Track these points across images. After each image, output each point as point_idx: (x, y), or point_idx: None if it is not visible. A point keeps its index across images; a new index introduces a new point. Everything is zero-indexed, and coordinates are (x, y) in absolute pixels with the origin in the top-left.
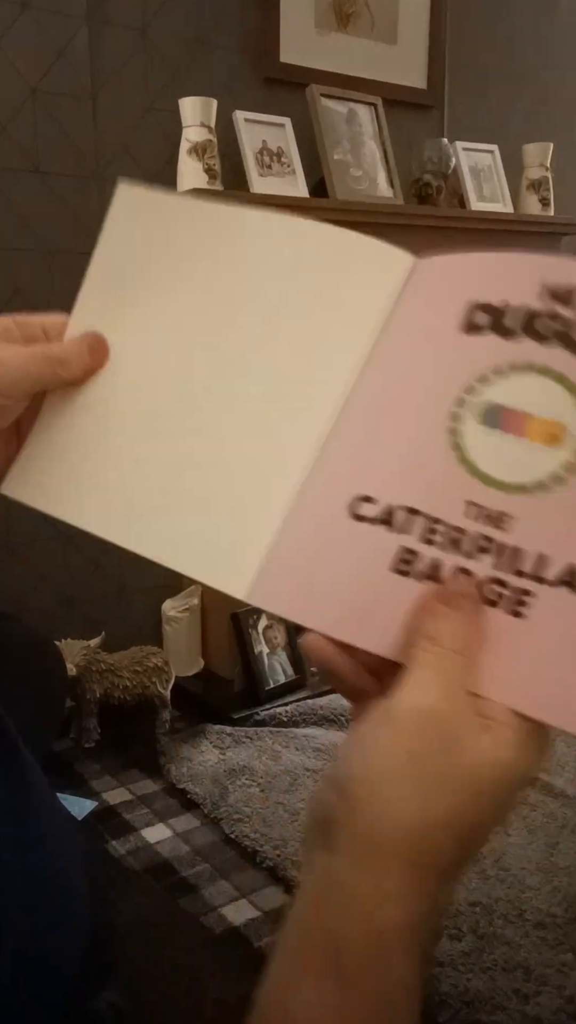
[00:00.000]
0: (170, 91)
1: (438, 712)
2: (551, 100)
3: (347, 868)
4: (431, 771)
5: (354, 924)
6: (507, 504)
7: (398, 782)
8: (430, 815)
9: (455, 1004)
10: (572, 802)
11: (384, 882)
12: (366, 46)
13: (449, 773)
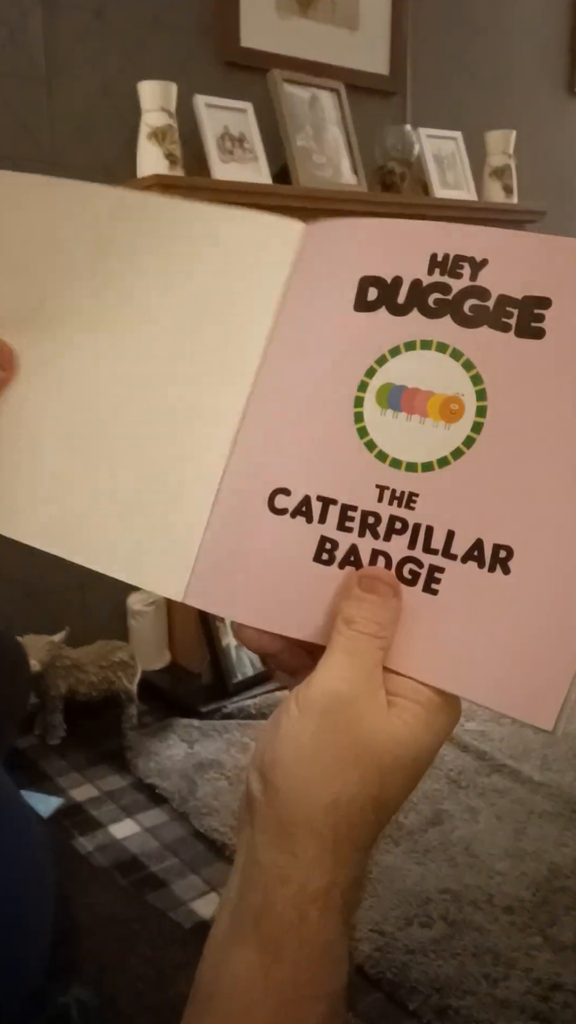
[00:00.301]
0: (128, 75)
1: (343, 693)
2: (513, 87)
3: (268, 845)
4: (337, 750)
5: (276, 895)
6: (415, 484)
7: (309, 764)
8: (339, 791)
9: (425, 991)
10: (539, 788)
11: (301, 855)
12: (328, 31)
13: (354, 751)
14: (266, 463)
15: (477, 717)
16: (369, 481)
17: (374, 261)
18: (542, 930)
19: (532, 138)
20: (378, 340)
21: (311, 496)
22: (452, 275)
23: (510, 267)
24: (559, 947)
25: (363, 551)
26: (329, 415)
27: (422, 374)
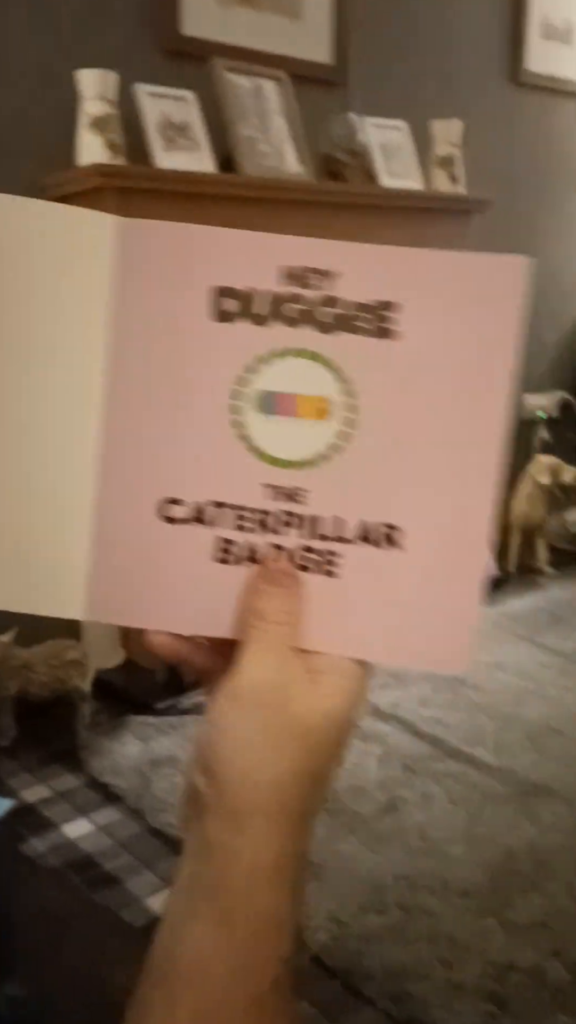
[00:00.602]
0: (67, 63)
1: (270, 680)
2: (458, 76)
3: (217, 828)
4: (271, 734)
5: (228, 870)
6: (299, 479)
7: (247, 751)
8: (279, 771)
9: (380, 977)
10: (493, 772)
11: (249, 833)
12: (270, 20)
13: (287, 731)
14: (149, 475)
15: (432, 704)
16: (256, 482)
17: (223, 272)
18: (496, 913)
19: (478, 128)
20: (244, 350)
21: (203, 502)
22: (306, 286)
23: (359, 276)
24: (513, 929)
25: (260, 547)
26: (207, 424)
27: (293, 379)
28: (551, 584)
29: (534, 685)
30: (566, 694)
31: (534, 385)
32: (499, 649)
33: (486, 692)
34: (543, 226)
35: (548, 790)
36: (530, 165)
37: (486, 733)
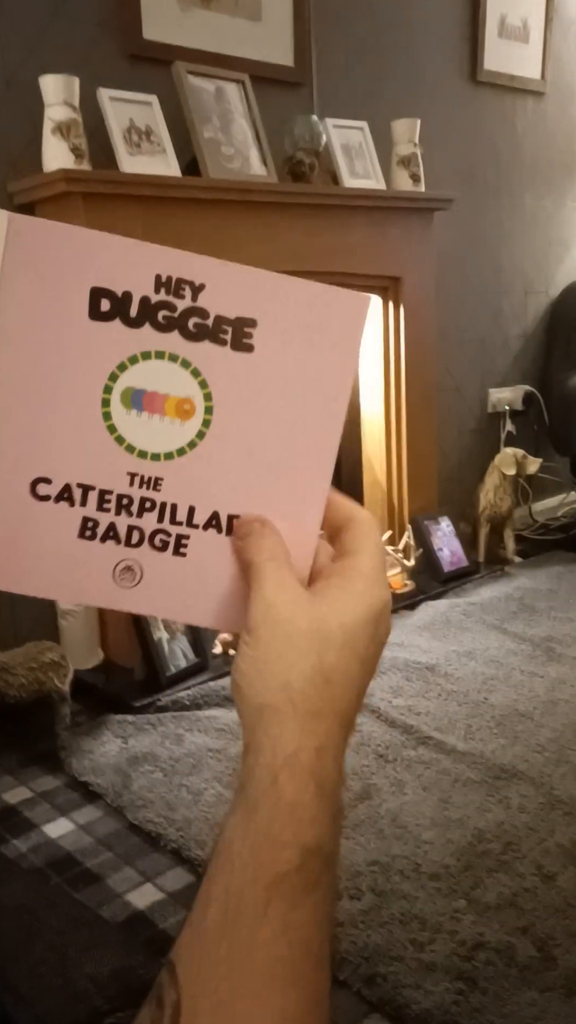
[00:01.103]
0: (30, 68)
1: (268, 605)
2: (417, 76)
3: (247, 733)
4: (275, 645)
5: (255, 765)
6: (159, 470)
7: (259, 664)
8: (286, 674)
9: (355, 960)
10: (463, 757)
11: (269, 731)
12: (230, 23)
13: (286, 639)
14: (23, 457)
15: (404, 693)
16: (121, 469)
17: (103, 274)
18: (466, 893)
19: (437, 127)
20: (116, 348)
21: (71, 484)
22: (176, 295)
23: (224, 292)
24: (482, 908)
25: (120, 527)
26: (80, 414)
27: (159, 379)
28: (519, 573)
29: (503, 672)
30: (533, 679)
31: (499, 379)
32: (469, 638)
33: (456, 680)
34: (505, 223)
35: (516, 773)
36: (491, 163)
37: (456, 720)
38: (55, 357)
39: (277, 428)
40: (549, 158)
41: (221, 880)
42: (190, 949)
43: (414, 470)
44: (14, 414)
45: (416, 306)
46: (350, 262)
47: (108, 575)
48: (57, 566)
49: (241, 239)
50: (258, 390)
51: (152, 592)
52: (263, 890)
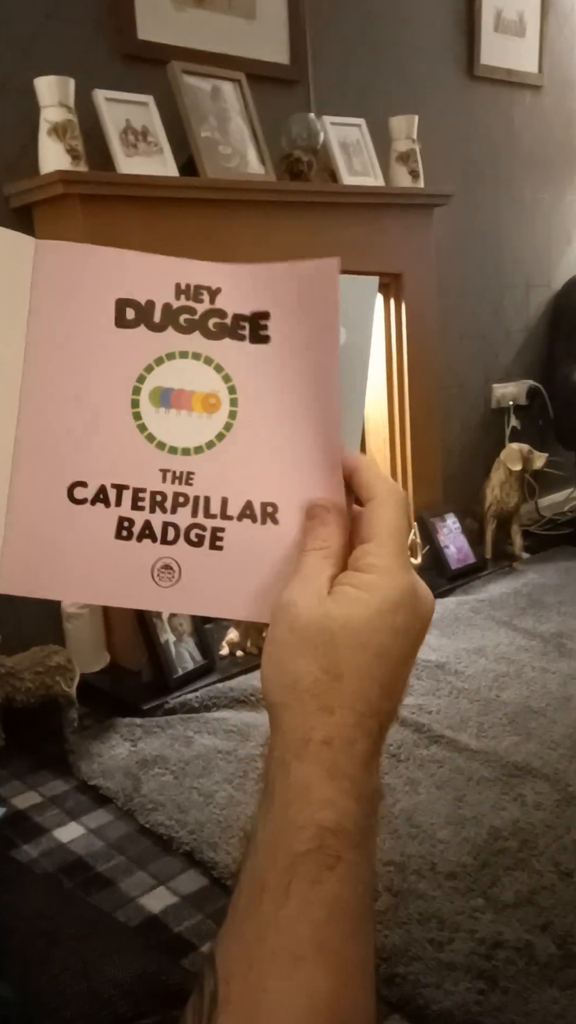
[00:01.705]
0: (24, 70)
1: (290, 599)
2: (413, 72)
3: (270, 728)
4: (286, 644)
5: (270, 756)
6: (190, 465)
7: (272, 662)
8: (293, 673)
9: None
10: (476, 755)
11: (280, 724)
12: (225, 22)
13: (297, 639)
14: (59, 463)
15: (414, 692)
16: (153, 467)
17: (126, 286)
18: (484, 892)
19: (435, 122)
20: (143, 352)
21: (106, 485)
22: (195, 300)
23: (238, 292)
24: (500, 907)
25: (155, 524)
26: (110, 417)
27: (184, 377)
28: (527, 569)
29: (514, 668)
30: (545, 675)
31: (502, 374)
32: (479, 635)
33: (467, 677)
34: (504, 217)
35: (531, 770)
36: (489, 157)
37: (468, 717)
38: (85, 365)
39: (298, 411)
40: (547, 151)
41: (248, 868)
42: (226, 936)
43: (419, 467)
44: (47, 424)
45: (417, 302)
46: (350, 259)
47: (147, 575)
48: (97, 569)
49: (240, 238)
50: (277, 377)
51: (192, 589)
52: (283, 871)
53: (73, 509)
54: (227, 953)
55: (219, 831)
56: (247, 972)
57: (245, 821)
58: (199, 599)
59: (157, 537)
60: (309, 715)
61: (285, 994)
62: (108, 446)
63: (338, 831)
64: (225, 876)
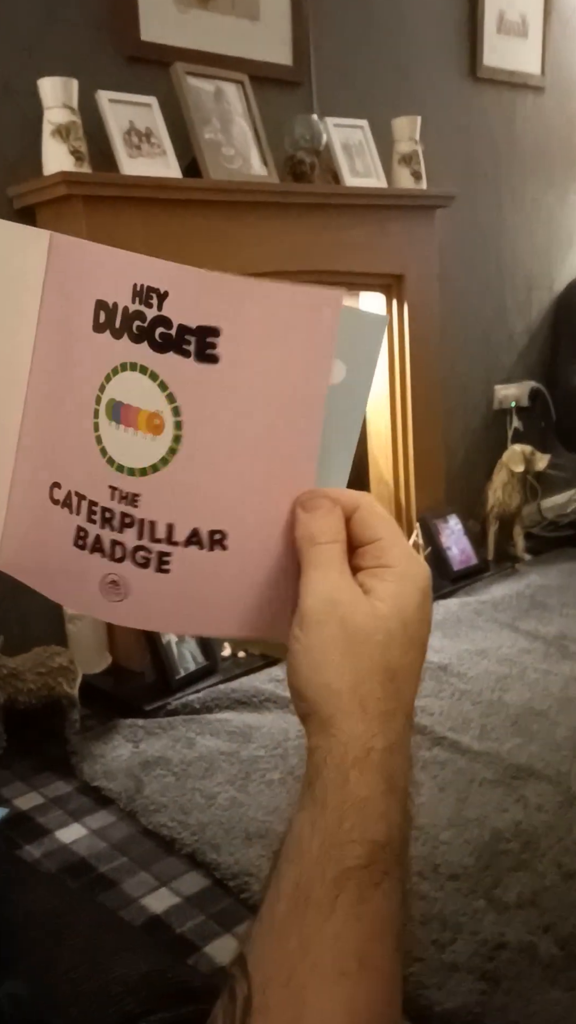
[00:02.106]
0: (28, 72)
1: (328, 599)
2: (416, 73)
3: (314, 735)
4: (340, 646)
5: (324, 765)
6: (135, 486)
7: (321, 666)
8: (352, 677)
9: None
10: (478, 756)
11: (339, 734)
12: (229, 23)
13: (352, 640)
14: (44, 459)
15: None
16: (104, 482)
17: (102, 286)
18: (486, 893)
19: (437, 124)
20: (105, 360)
21: (72, 491)
22: (146, 304)
23: (185, 299)
24: (502, 908)
25: (104, 540)
26: (78, 424)
27: (133, 392)
28: (529, 570)
29: (516, 670)
30: (548, 677)
31: (504, 375)
32: (481, 636)
33: (470, 679)
34: (507, 219)
35: (533, 772)
36: (491, 159)
37: (471, 719)
38: (67, 367)
39: (252, 439)
40: (550, 153)
41: (291, 875)
42: (261, 942)
43: (421, 468)
44: (40, 420)
45: (419, 304)
46: (352, 261)
47: (95, 586)
48: (59, 570)
49: (242, 239)
50: (227, 402)
51: (140, 606)
52: (332, 884)
53: (50, 508)
54: (264, 960)
55: (221, 832)
56: (287, 983)
57: (264, 819)
58: (149, 616)
59: (106, 552)
60: (372, 721)
61: (326, 1009)
62: (74, 453)
63: (387, 845)
64: (227, 878)
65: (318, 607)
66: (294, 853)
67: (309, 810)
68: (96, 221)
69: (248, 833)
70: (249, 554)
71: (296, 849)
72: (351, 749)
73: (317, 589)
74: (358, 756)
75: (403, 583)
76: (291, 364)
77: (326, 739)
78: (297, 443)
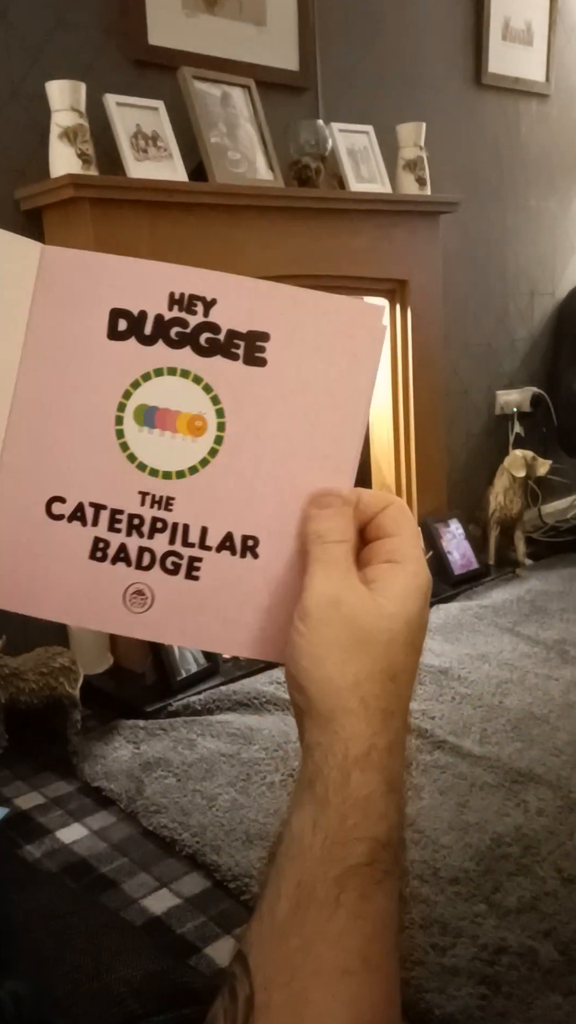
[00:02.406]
0: (36, 75)
1: (334, 595)
2: (421, 80)
3: (314, 731)
4: (344, 643)
5: (324, 763)
6: (171, 489)
7: (326, 663)
8: (356, 674)
9: None
10: (479, 761)
11: (340, 731)
12: (236, 28)
13: (357, 638)
14: (40, 475)
15: (418, 697)
16: (132, 488)
17: (120, 295)
18: (486, 897)
19: (442, 130)
20: (131, 366)
21: (84, 503)
22: (188, 311)
23: (235, 306)
24: (503, 912)
25: (131, 548)
26: (94, 432)
27: (171, 396)
28: (530, 576)
29: (517, 675)
30: (548, 682)
31: (506, 381)
32: (482, 641)
33: (470, 683)
34: (510, 225)
35: (534, 776)
36: (495, 165)
37: (472, 723)
38: (73, 377)
39: (293, 444)
40: (553, 160)
41: (292, 874)
42: (261, 942)
43: (423, 473)
44: (33, 433)
45: (423, 309)
46: (356, 265)
47: (119, 599)
48: (68, 588)
49: (247, 243)
50: (272, 405)
51: (164, 617)
52: (334, 883)
53: (50, 524)
54: (265, 959)
55: (222, 834)
56: (290, 981)
57: (264, 822)
58: (171, 628)
59: (132, 561)
60: (373, 720)
61: (330, 1008)
62: (89, 463)
63: (388, 844)
64: (227, 879)
65: (323, 603)
66: (295, 851)
67: (310, 808)
68: (102, 223)
69: (248, 835)
70: (278, 566)
71: (297, 847)
72: (353, 747)
73: (322, 585)
74: (359, 754)
75: (410, 584)
76: (335, 372)
77: (327, 736)
78: (337, 451)
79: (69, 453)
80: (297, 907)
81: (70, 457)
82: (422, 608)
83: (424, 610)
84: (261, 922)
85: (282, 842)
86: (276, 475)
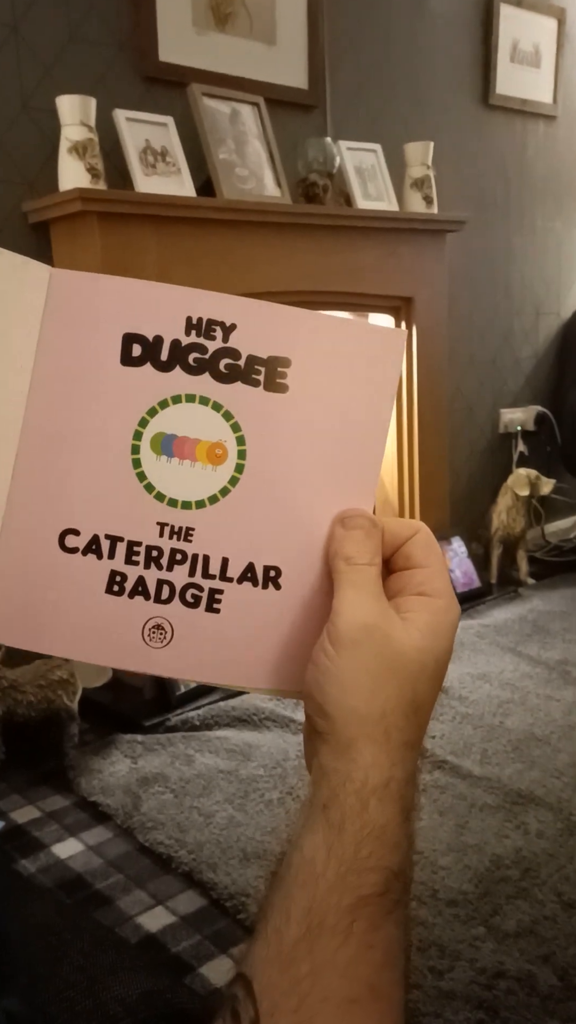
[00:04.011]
0: (47, 89)
1: (366, 622)
2: (429, 99)
3: (332, 757)
4: (375, 672)
5: (341, 790)
6: (190, 519)
7: (354, 690)
8: (383, 704)
9: None
10: (479, 782)
11: (360, 760)
12: (246, 46)
13: (388, 667)
14: (52, 507)
15: None
16: (150, 519)
17: (134, 320)
18: (485, 920)
19: (450, 149)
20: (147, 393)
21: (99, 535)
22: (207, 336)
23: (256, 331)
24: (501, 936)
25: (149, 581)
26: (109, 462)
27: (190, 424)
28: (532, 595)
29: (518, 695)
30: (549, 703)
31: (510, 400)
32: (483, 660)
33: (471, 703)
34: (516, 245)
35: (534, 798)
36: (502, 185)
37: (472, 743)
38: (87, 404)
39: (314, 471)
40: (560, 181)
41: (302, 899)
42: (267, 966)
43: (426, 490)
44: (45, 464)
45: (428, 327)
46: (363, 283)
47: (137, 634)
48: (84, 624)
49: (254, 259)
50: (293, 432)
51: (184, 651)
52: (347, 912)
53: (63, 558)
54: (272, 983)
55: (219, 852)
56: (297, 1008)
57: (262, 840)
58: (190, 663)
59: (150, 595)
60: (394, 751)
61: None
62: (104, 494)
63: (399, 873)
64: (224, 898)
65: (355, 628)
66: (305, 876)
67: (324, 834)
68: (110, 237)
69: (246, 853)
70: (300, 596)
71: (308, 872)
72: (372, 776)
73: (353, 609)
74: (378, 784)
75: (444, 620)
76: (356, 397)
77: (345, 763)
78: (358, 477)
79: (83, 484)
80: (307, 933)
81: (84, 488)
82: (451, 644)
83: (451, 645)
84: (267, 945)
85: (291, 865)
86: (297, 503)
